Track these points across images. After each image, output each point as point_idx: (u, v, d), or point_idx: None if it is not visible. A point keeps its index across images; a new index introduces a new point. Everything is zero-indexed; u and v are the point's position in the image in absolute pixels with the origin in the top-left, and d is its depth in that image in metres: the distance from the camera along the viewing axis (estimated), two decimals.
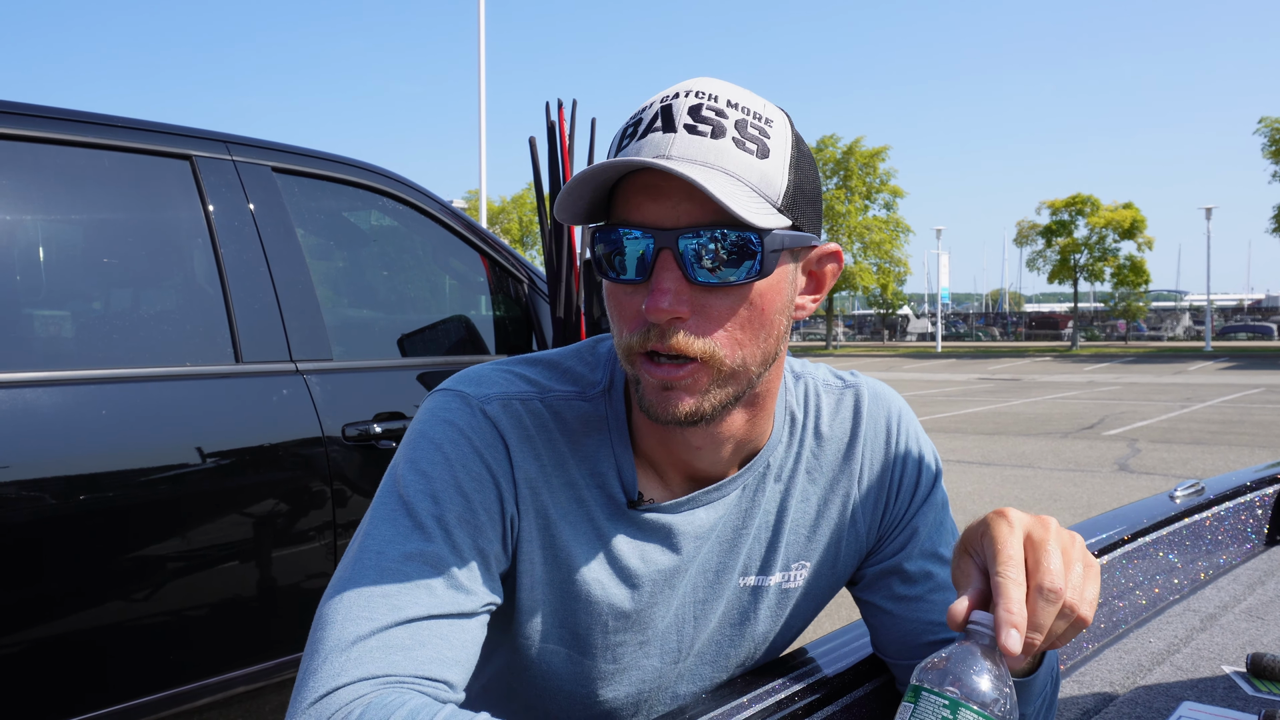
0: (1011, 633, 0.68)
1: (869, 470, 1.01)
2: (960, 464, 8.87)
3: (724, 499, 0.94)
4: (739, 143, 0.78)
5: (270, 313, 2.26)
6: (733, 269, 0.78)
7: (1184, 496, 1.78)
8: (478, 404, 0.88)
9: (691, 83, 0.82)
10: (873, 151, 40.84)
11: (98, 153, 2.11)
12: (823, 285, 0.90)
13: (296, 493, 2.22)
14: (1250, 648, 1.35)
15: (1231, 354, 33.19)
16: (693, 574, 0.96)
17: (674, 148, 0.77)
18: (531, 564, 0.90)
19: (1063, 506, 6.68)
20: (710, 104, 0.79)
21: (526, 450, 0.88)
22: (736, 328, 0.81)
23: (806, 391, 1.01)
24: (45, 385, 1.85)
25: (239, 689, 2.06)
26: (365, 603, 0.77)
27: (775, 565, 0.99)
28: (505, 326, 3.11)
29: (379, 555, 0.81)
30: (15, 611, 1.77)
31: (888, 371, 26.36)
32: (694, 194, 0.77)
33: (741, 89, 0.83)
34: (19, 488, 1.76)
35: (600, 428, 0.92)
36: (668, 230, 0.77)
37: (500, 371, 0.93)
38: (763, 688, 0.95)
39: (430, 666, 0.76)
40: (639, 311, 0.80)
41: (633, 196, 0.79)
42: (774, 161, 0.80)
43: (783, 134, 0.82)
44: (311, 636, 0.78)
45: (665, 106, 0.80)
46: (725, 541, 0.97)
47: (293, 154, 2.51)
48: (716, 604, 0.98)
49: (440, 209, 2.89)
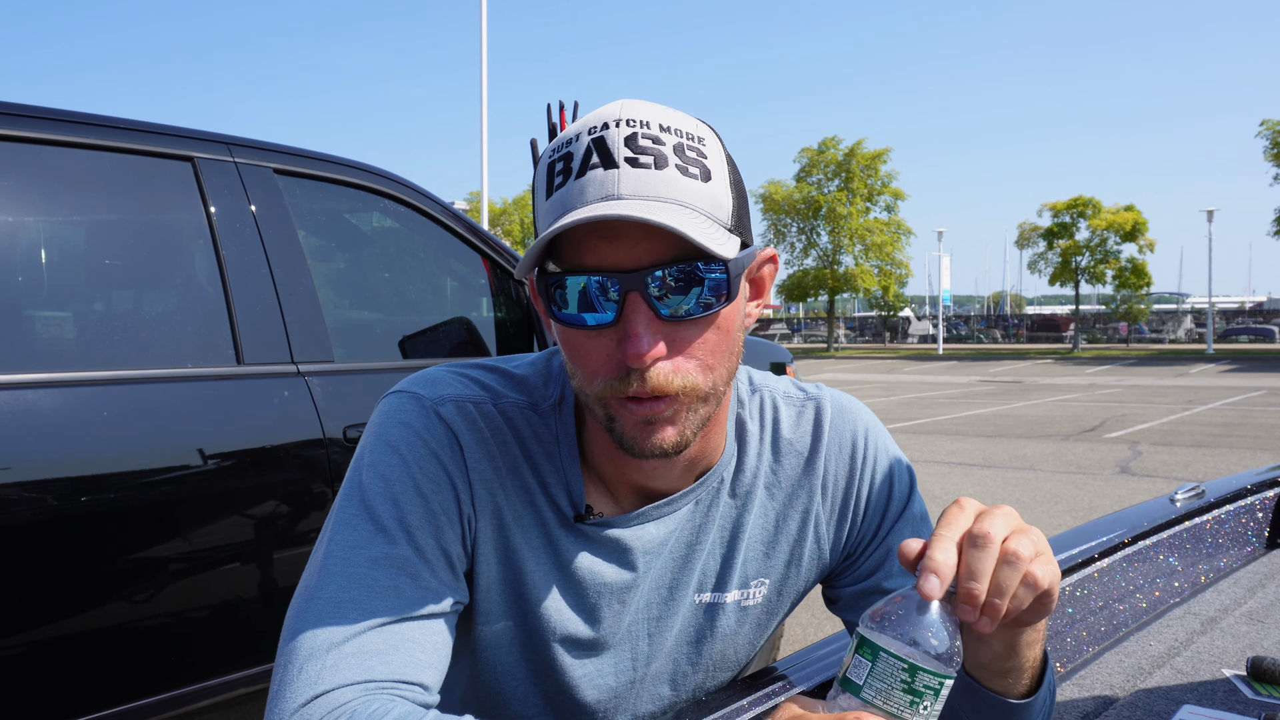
0: (931, 578, 0.67)
1: (832, 485, 0.99)
2: (961, 466, 8.86)
3: (675, 513, 0.93)
4: (683, 169, 0.76)
5: (272, 314, 2.26)
6: (702, 300, 0.77)
7: (1185, 500, 1.78)
8: (431, 405, 0.88)
9: (615, 108, 0.79)
10: (874, 154, 40.81)
11: (100, 154, 2.11)
12: (763, 289, 0.90)
13: (298, 494, 2.23)
14: (1250, 651, 1.35)
15: (1233, 357, 33.15)
16: (646, 590, 0.95)
17: (622, 185, 0.74)
18: (488, 565, 0.90)
19: (1064, 509, 6.68)
20: (644, 132, 0.76)
21: (480, 452, 0.88)
22: (708, 354, 0.80)
23: (763, 403, 0.99)
24: (47, 386, 1.85)
25: (240, 691, 2.06)
26: (336, 609, 0.77)
27: (731, 582, 0.97)
28: (506, 328, 3.11)
29: (345, 561, 0.80)
30: (17, 613, 1.77)
31: (889, 373, 26.35)
32: (652, 232, 0.75)
33: (665, 108, 0.80)
34: (20, 489, 1.76)
35: (549, 441, 0.91)
36: (631, 272, 0.75)
37: (453, 374, 0.92)
38: (749, 697, 0.95)
39: (406, 670, 0.76)
40: (609, 356, 0.78)
41: (584, 240, 0.76)
42: (717, 183, 0.78)
43: (717, 151, 0.80)
44: (283, 646, 0.77)
45: (597, 140, 0.76)
46: (679, 557, 0.95)
47: (294, 155, 2.51)
48: (671, 621, 0.97)
49: (442, 211, 2.89)
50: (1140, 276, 38.34)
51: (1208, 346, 36.83)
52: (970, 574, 0.69)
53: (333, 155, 2.64)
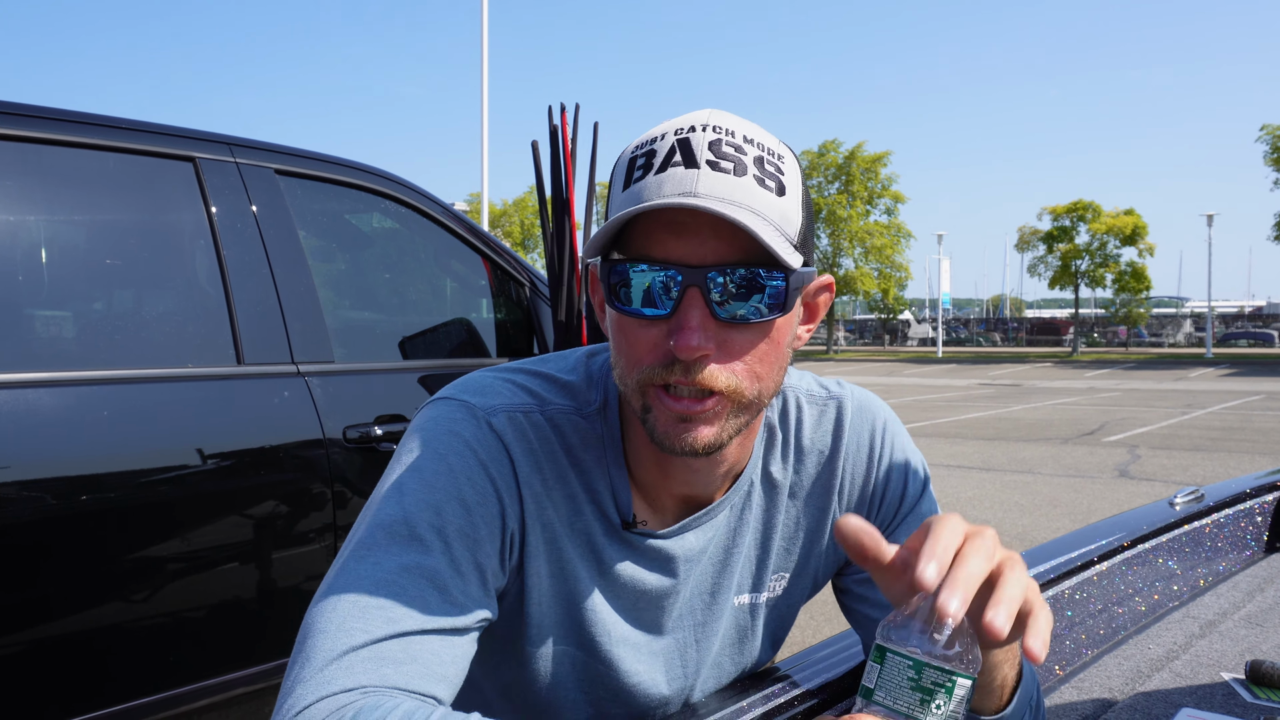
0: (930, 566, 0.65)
1: (850, 484, 1.00)
2: (960, 469, 8.86)
3: (713, 521, 0.95)
4: (760, 180, 0.78)
5: (272, 314, 2.26)
6: (759, 306, 0.78)
7: (1184, 503, 1.78)
8: (483, 415, 0.87)
9: (703, 115, 0.81)
10: (875, 156, 40.86)
11: (101, 154, 2.11)
12: (816, 315, 0.91)
13: (297, 494, 2.23)
14: (1249, 654, 1.35)
15: (1232, 361, 33.17)
16: (687, 596, 0.96)
17: (700, 185, 0.76)
18: (539, 578, 0.89)
19: (1062, 512, 6.68)
20: (728, 140, 0.78)
21: (530, 464, 0.88)
22: (757, 361, 0.81)
23: (786, 404, 1.00)
24: (47, 386, 1.86)
25: (239, 690, 2.06)
26: (359, 613, 0.76)
27: (765, 581, 1.00)
28: (506, 329, 3.11)
29: (375, 565, 0.79)
30: (17, 612, 1.77)
31: (888, 376, 26.36)
32: (721, 232, 0.77)
33: (751, 124, 0.82)
34: (21, 488, 1.76)
35: (596, 446, 0.91)
36: (695, 268, 0.76)
37: (501, 381, 0.92)
38: (761, 693, 0.95)
39: (420, 682, 0.75)
40: (656, 345, 0.79)
41: (655, 231, 0.78)
42: (790, 200, 0.80)
43: (794, 171, 0.82)
44: (301, 642, 0.76)
45: (682, 140, 0.78)
46: (717, 562, 0.97)
47: (295, 156, 2.51)
48: (716, 625, 0.98)
49: (442, 211, 2.89)
50: (1140, 280, 38.38)
51: (1207, 350, 36.86)
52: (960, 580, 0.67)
53: (333, 156, 2.65)
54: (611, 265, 0.80)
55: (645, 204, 0.75)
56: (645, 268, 0.78)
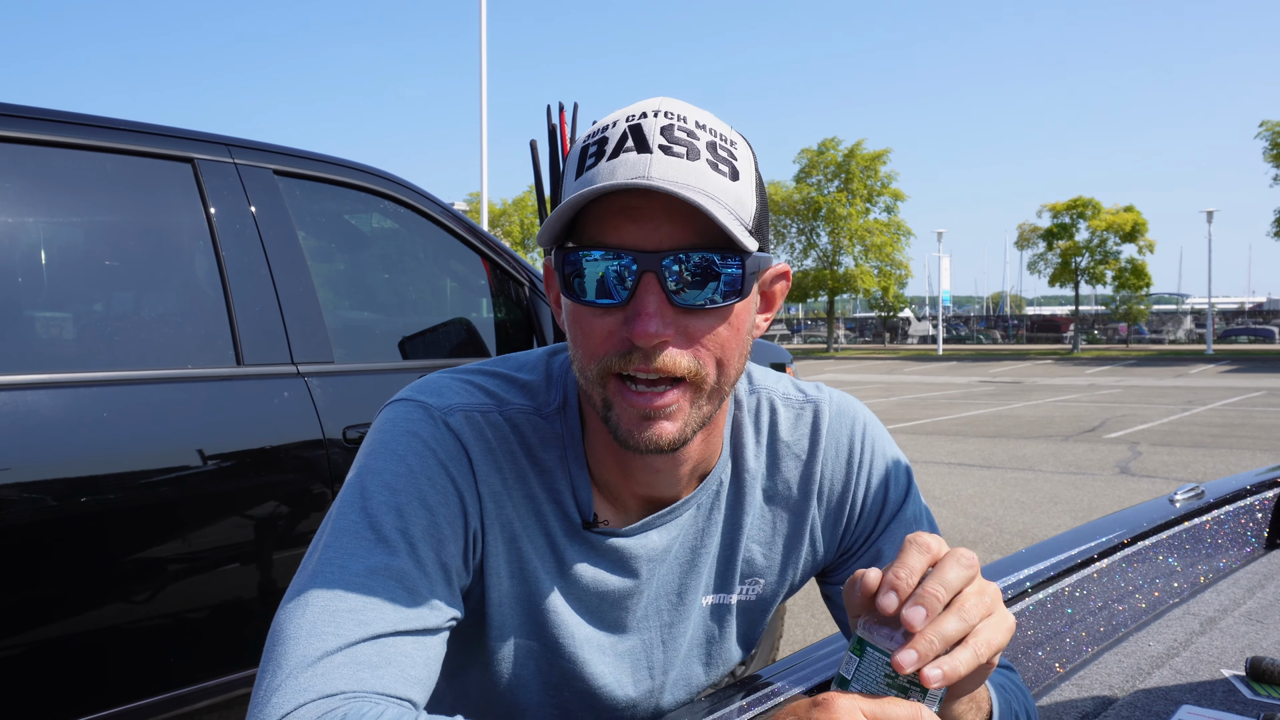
0: (890, 595, 0.66)
1: (829, 487, 0.99)
2: (961, 467, 8.86)
3: (677, 520, 0.94)
4: (713, 165, 0.77)
5: (272, 315, 2.26)
6: (716, 291, 0.78)
7: (1184, 500, 1.78)
8: (440, 415, 0.87)
9: (654, 102, 0.81)
10: (874, 154, 40.83)
11: (100, 155, 2.11)
12: (773, 304, 0.90)
13: (298, 495, 2.23)
14: (1250, 651, 1.35)
15: (1233, 357, 33.16)
16: (652, 597, 0.95)
17: (653, 169, 0.75)
18: (499, 579, 0.89)
19: (1063, 509, 6.68)
20: (680, 125, 0.78)
21: (489, 463, 0.87)
22: (718, 346, 0.80)
23: (759, 404, 0.99)
24: (47, 387, 1.86)
25: (239, 691, 2.06)
26: (330, 618, 0.75)
27: (734, 582, 0.98)
28: (506, 329, 3.11)
29: (341, 569, 0.78)
30: (17, 613, 1.77)
31: (889, 374, 26.35)
32: (675, 216, 0.76)
33: (702, 110, 0.82)
34: (20, 489, 1.76)
35: (556, 446, 0.91)
36: (650, 253, 0.76)
37: (459, 382, 0.91)
38: (749, 697, 0.95)
39: (396, 685, 0.74)
40: (612, 333, 0.79)
41: (609, 217, 0.77)
42: (744, 184, 0.79)
43: (747, 157, 0.82)
44: (270, 650, 0.75)
45: (634, 126, 0.78)
46: (684, 562, 0.96)
47: (294, 157, 2.51)
48: (683, 626, 0.97)
49: (441, 211, 2.89)
50: (1140, 277, 38.35)
51: (1207, 347, 36.84)
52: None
53: (332, 156, 2.65)
54: (565, 254, 0.79)
55: (597, 186, 0.75)
56: (599, 255, 0.77)
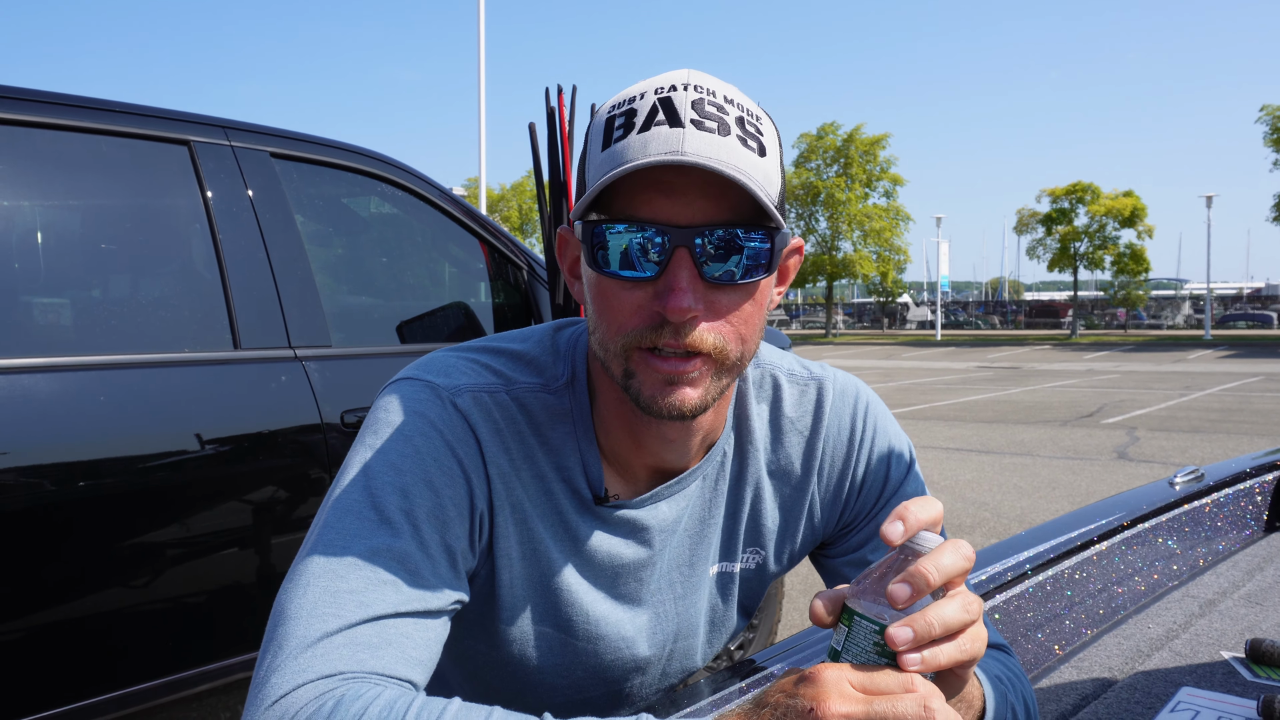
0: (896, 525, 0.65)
1: (830, 464, 1.00)
2: (959, 452, 8.88)
3: (685, 491, 0.94)
4: (743, 140, 0.77)
5: (269, 299, 2.25)
6: (746, 267, 0.78)
7: (1184, 483, 1.78)
8: (448, 396, 0.86)
9: (681, 74, 0.80)
10: (873, 139, 40.71)
11: (96, 138, 2.10)
12: (787, 277, 0.90)
13: (295, 479, 2.22)
14: (1249, 633, 1.35)
15: (1231, 342, 33.19)
16: (664, 568, 0.96)
17: (687, 144, 0.74)
18: (510, 559, 0.89)
19: (1061, 494, 6.69)
20: (710, 99, 0.78)
21: (497, 444, 0.87)
22: (742, 322, 0.80)
23: (763, 379, 0.99)
24: (43, 371, 1.85)
25: (239, 675, 2.07)
26: (331, 598, 0.75)
27: (738, 551, 1.00)
28: (504, 313, 3.10)
29: (344, 549, 0.78)
30: (15, 598, 1.77)
31: (887, 359, 26.37)
32: (709, 191, 0.76)
33: (728, 84, 0.81)
34: (17, 474, 1.76)
35: (565, 422, 0.90)
36: (683, 228, 0.76)
37: (465, 361, 0.90)
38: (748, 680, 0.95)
39: (396, 666, 0.74)
40: (642, 307, 0.78)
41: (641, 191, 0.77)
42: (770, 160, 0.79)
43: (772, 133, 0.82)
44: (272, 630, 0.75)
45: (664, 99, 0.77)
46: (693, 533, 0.97)
47: (291, 139, 2.50)
48: (696, 596, 0.98)
49: (440, 195, 2.88)
50: (1139, 262, 38.33)
51: (1206, 332, 36.87)
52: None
53: (330, 139, 2.63)
54: (593, 226, 0.78)
55: (635, 162, 0.74)
56: (631, 228, 0.77)
